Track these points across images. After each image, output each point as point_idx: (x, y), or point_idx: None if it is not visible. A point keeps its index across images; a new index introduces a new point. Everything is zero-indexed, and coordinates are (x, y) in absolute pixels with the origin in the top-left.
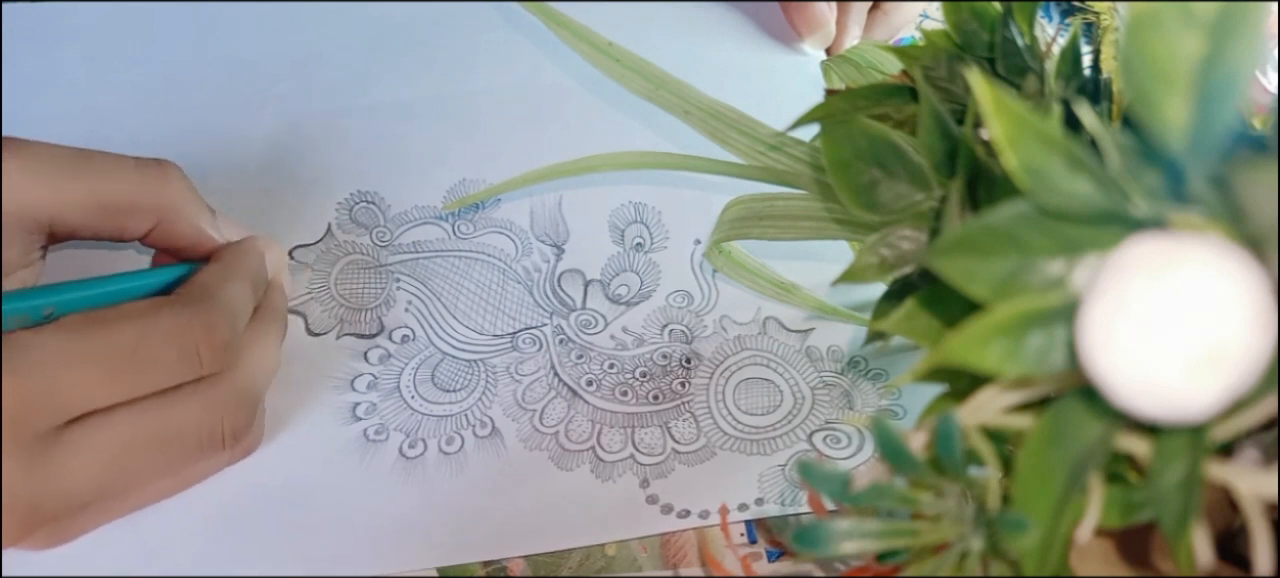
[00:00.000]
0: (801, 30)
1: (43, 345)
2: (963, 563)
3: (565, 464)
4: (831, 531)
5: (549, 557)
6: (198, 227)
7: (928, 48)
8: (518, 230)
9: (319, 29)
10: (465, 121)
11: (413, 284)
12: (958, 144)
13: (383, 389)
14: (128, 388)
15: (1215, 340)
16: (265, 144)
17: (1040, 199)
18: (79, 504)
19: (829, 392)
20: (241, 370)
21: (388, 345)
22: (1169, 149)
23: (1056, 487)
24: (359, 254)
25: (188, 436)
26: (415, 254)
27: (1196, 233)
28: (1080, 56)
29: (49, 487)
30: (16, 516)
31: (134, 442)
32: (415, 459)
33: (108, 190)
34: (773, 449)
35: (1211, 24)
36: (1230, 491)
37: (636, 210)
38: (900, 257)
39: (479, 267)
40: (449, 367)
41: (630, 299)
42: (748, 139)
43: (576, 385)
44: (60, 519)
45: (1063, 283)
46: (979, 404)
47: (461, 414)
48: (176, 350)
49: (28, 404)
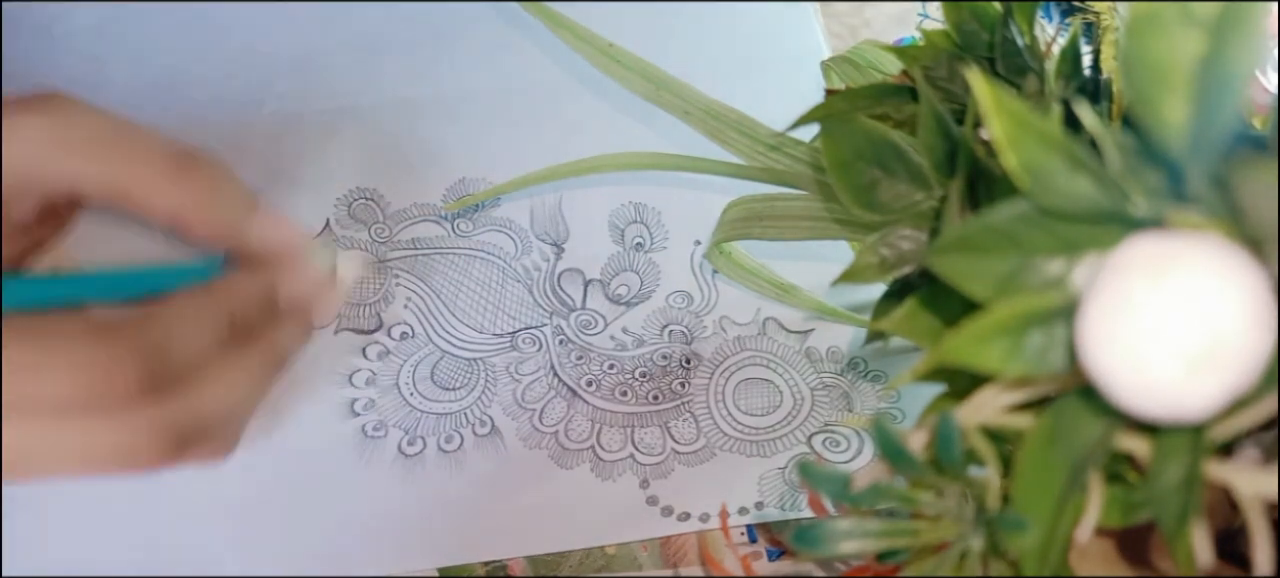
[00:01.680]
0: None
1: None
2: (963, 563)
3: (565, 463)
4: (831, 530)
5: (549, 556)
6: (221, 230)
7: (928, 48)
8: (517, 229)
9: (319, 29)
10: (465, 121)
11: (412, 281)
12: (958, 144)
13: (381, 386)
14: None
15: (1214, 340)
16: (265, 143)
17: (1040, 199)
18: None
19: (828, 392)
20: (179, 402)
21: (386, 342)
22: (1169, 149)
23: (1056, 487)
24: (357, 249)
25: (96, 454)
26: (414, 251)
27: (1196, 233)
28: (1080, 56)
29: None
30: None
31: (36, 446)
32: (414, 457)
33: (124, 177)
34: (772, 450)
35: (1211, 24)
36: (1230, 490)
37: (636, 210)
38: (900, 257)
39: (479, 265)
40: (448, 365)
41: (630, 299)
42: (748, 139)
43: (576, 385)
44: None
45: (1063, 283)
46: (979, 404)
47: (461, 412)
48: (98, 387)
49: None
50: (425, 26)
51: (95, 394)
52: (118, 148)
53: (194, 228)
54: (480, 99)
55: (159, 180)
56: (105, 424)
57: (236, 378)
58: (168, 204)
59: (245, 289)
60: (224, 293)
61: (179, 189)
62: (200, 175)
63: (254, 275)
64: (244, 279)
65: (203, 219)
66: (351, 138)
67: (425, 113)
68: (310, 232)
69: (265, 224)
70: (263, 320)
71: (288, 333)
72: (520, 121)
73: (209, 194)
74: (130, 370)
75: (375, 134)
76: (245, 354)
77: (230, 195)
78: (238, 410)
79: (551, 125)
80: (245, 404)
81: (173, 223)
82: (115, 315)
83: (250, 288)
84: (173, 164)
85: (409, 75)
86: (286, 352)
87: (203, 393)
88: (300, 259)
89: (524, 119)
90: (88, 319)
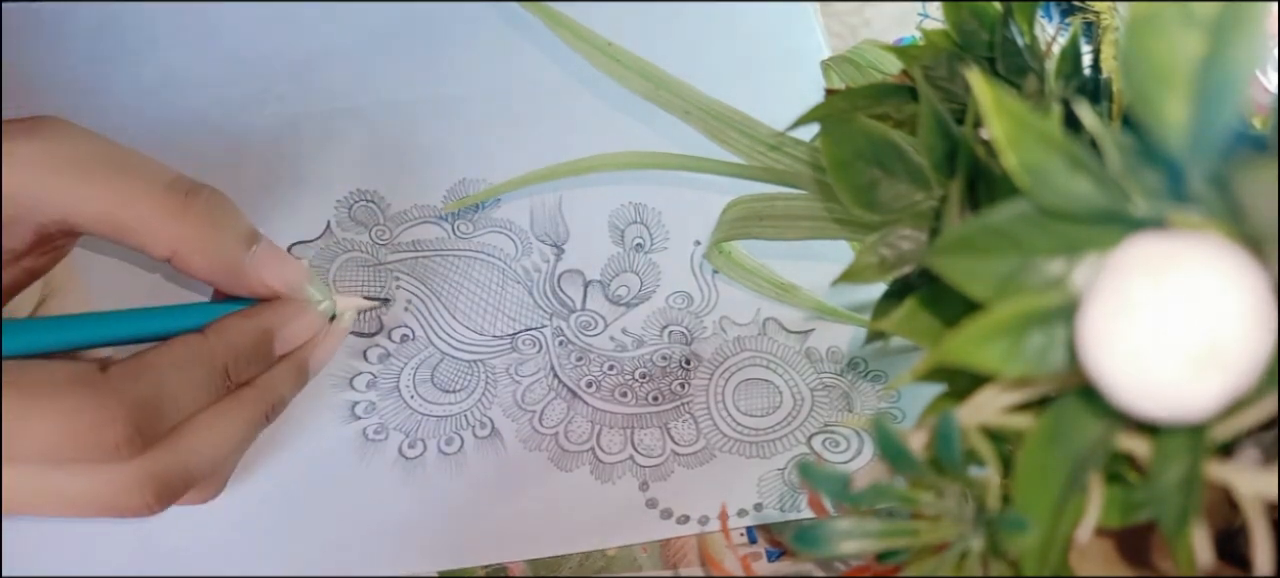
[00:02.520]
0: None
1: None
2: (963, 563)
3: (565, 465)
4: (831, 530)
5: (549, 558)
6: (218, 267)
7: (928, 48)
8: (518, 230)
9: (319, 29)
10: (465, 121)
11: (412, 283)
12: (958, 144)
13: (382, 388)
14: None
15: (1215, 340)
16: (265, 144)
17: (1040, 199)
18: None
19: (828, 393)
20: (169, 454)
21: (387, 344)
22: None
23: (1056, 487)
24: (358, 252)
25: (82, 502)
26: (415, 253)
27: (1196, 233)
28: (1080, 56)
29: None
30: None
31: (23, 490)
32: (415, 460)
33: (120, 211)
34: (772, 451)
35: (1211, 24)
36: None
37: (636, 210)
38: (900, 257)
39: (479, 266)
40: (449, 367)
41: (630, 300)
42: (748, 139)
43: (576, 387)
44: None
45: (1063, 283)
46: (979, 404)
47: (461, 415)
48: (85, 440)
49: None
50: (425, 26)
51: (83, 446)
52: (116, 179)
53: (191, 264)
54: (480, 99)
55: (157, 214)
56: (92, 474)
57: (227, 428)
58: (165, 239)
59: (239, 336)
60: (218, 342)
61: (177, 224)
62: (199, 210)
63: (249, 321)
64: (238, 325)
65: (200, 256)
66: (351, 139)
67: (425, 113)
68: (307, 266)
69: (264, 261)
70: (257, 366)
71: (283, 378)
72: (520, 121)
73: (207, 230)
74: (118, 424)
75: (375, 135)
76: (238, 403)
77: (229, 231)
78: (227, 457)
79: (551, 125)
80: (235, 451)
81: (170, 258)
82: (107, 365)
83: (244, 335)
84: (172, 198)
85: (409, 75)
86: (280, 398)
87: (192, 444)
88: (299, 300)
89: (524, 119)
90: (78, 369)
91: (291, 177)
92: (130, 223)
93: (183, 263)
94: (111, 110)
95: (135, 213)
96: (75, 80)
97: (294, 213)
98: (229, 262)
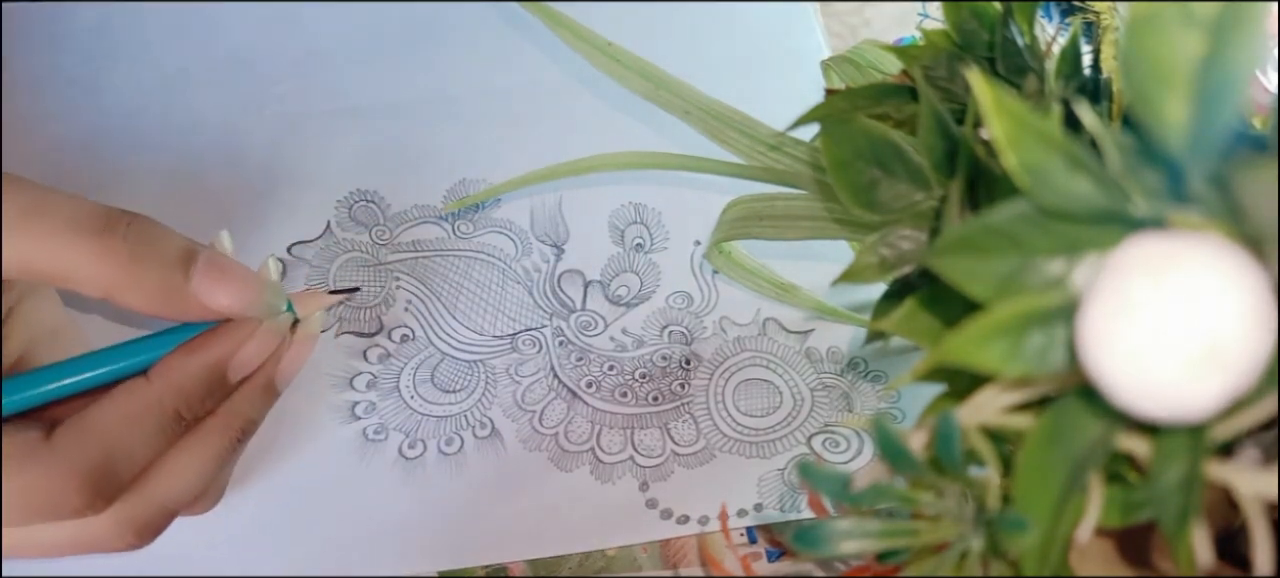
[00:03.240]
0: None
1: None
2: (963, 563)
3: (565, 465)
4: (831, 530)
5: (549, 558)
6: (155, 300)
7: (928, 48)
8: (518, 230)
9: (319, 29)
10: (465, 121)
11: (412, 283)
12: (958, 144)
13: (382, 389)
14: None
15: (1215, 340)
16: (265, 144)
17: (1040, 199)
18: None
19: (828, 393)
20: (139, 500)
21: (387, 344)
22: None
23: (1056, 487)
24: (358, 252)
25: (75, 544)
26: (415, 253)
27: (1196, 233)
28: (1080, 56)
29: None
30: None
31: (20, 542)
32: (415, 460)
33: (41, 259)
34: (772, 451)
35: (1211, 24)
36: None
37: (636, 210)
38: (900, 257)
39: (479, 266)
40: (449, 367)
41: (630, 300)
42: (748, 139)
43: (576, 387)
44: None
45: (1063, 283)
46: (979, 404)
47: (461, 415)
48: (47, 509)
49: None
50: (426, 26)
51: (50, 510)
52: (32, 224)
53: (127, 302)
54: (480, 99)
55: (80, 257)
56: (71, 526)
57: (194, 464)
58: (94, 281)
59: (185, 378)
60: (163, 386)
61: (102, 264)
62: (120, 247)
63: (193, 356)
64: (182, 365)
65: (133, 293)
66: (351, 139)
67: (425, 113)
68: (262, 274)
69: (206, 284)
70: (213, 400)
71: (248, 402)
72: (520, 121)
73: (133, 266)
74: (73, 494)
75: (375, 135)
76: (202, 437)
77: (157, 261)
78: (204, 485)
79: (551, 125)
80: (212, 478)
81: (104, 298)
82: (53, 428)
83: (190, 375)
84: (92, 239)
85: (409, 75)
86: (249, 421)
87: (159, 486)
88: (250, 321)
89: (524, 119)
90: (22, 441)
91: (291, 177)
92: (54, 269)
93: (120, 302)
94: (111, 110)
95: (56, 258)
96: (75, 80)
97: (293, 213)
98: (165, 292)
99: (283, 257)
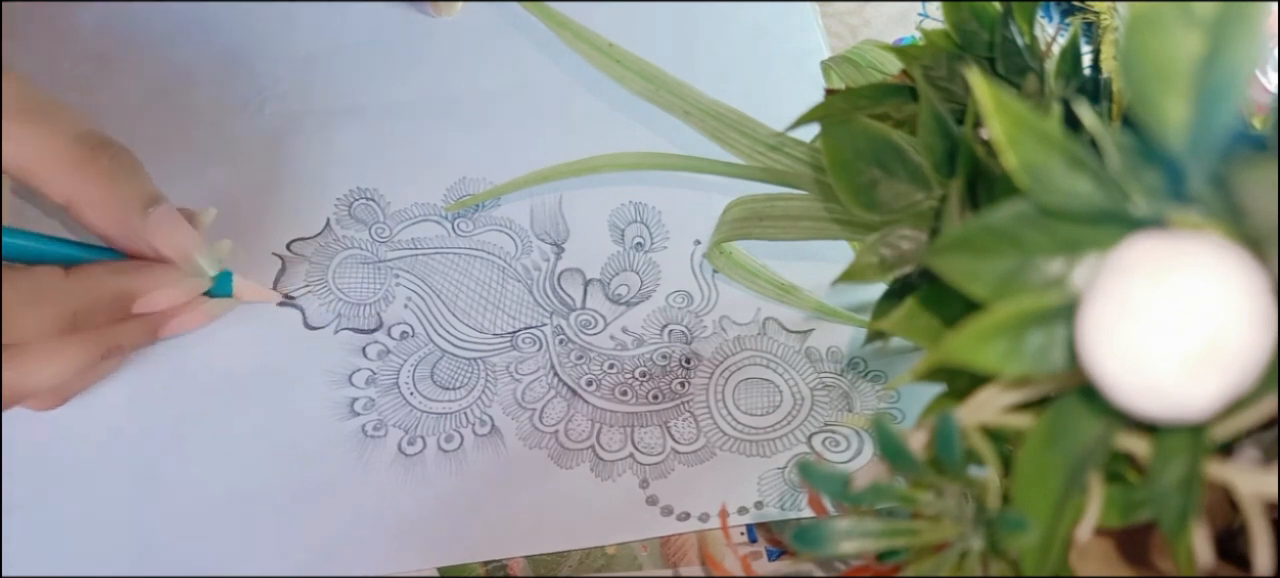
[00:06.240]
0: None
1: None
2: (963, 563)
3: (565, 463)
4: (831, 530)
5: (549, 555)
6: (111, 223)
7: (928, 48)
8: (518, 229)
9: (319, 29)
10: (465, 121)
11: (412, 281)
12: (958, 144)
13: (381, 385)
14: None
15: (1214, 339)
16: (265, 143)
17: (1040, 199)
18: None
19: (828, 393)
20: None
21: (386, 341)
22: (1169, 149)
23: (1056, 486)
24: (357, 249)
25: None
26: (414, 251)
27: (1196, 232)
28: (1080, 56)
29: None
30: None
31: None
32: (414, 456)
33: (25, 156)
34: (772, 450)
35: (1211, 24)
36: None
37: (636, 210)
38: (900, 257)
39: (479, 264)
40: (448, 364)
41: (630, 299)
42: (748, 139)
43: (576, 385)
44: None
45: (1063, 282)
46: (979, 404)
47: (461, 412)
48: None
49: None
50: (425, 27)
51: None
52: (23, 121)
53: (85, 216)
54: (480, 99)
55: (58, 163)
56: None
57: (60, 362)
58: (63, 188)
59: (99, 289)
60: (77, 286)
61: (76, 175)
62: (101, 166)
63: (115, 276)
64: (102, 278)
65: (94, 210)
66: (351, 138)
67: (425, 113)
68: (204, 240)
69: (158, 226)
70: (109, 316)
71: (128, 332)
72: (520, 121)
73: (106, 186)
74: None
75: (375, 135)
76: (78, 343)
77: (127, 191)
78: (61, 386)
79: (551, 125)
80: (69, 383)
81: (66, 207)
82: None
83: (104, 289)
84: (76, 149)
85: (409, 75)
86: (119, 347)
87: (25, 367)
88: (174, 270)
89: (524, 119)
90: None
91: (291, 175)
92: (30, 166)
93: (77, 214)
94: (112, 110)
95: (38, 159)
96: (76, 80)
97: (293, 211)
98: (122, 220)
99: (282, 253)
